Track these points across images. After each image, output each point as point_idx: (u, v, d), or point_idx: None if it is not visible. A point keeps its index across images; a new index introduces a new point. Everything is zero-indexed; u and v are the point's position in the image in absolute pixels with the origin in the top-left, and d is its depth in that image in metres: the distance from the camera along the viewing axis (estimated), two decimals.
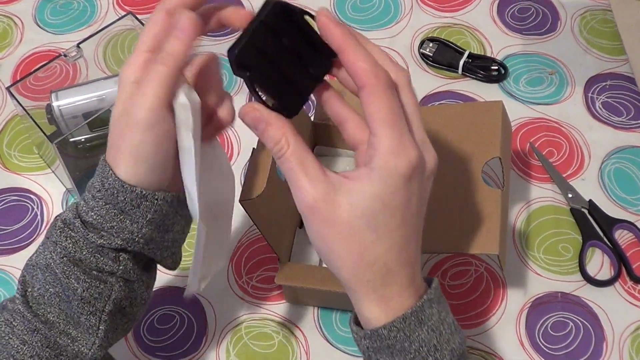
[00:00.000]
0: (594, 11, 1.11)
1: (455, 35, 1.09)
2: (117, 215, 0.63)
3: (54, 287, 0.65)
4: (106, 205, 0.62)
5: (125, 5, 1.15)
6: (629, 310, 0.87)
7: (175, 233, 0.67)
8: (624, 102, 1.02)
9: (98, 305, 0.65)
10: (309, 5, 1.11)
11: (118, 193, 0.62)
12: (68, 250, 0.64)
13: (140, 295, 0.68)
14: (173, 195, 0.64)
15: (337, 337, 0.86)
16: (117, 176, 0.61)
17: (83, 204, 0.64)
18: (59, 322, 0.65)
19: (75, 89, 0.94)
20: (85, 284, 0.64)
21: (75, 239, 0.64)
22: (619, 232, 0.92)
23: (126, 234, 0.63)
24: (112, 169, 0.62)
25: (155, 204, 0.63)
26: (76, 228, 0.64)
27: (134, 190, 0.62)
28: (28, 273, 0.67)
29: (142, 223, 0.63)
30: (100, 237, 0.63)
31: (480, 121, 0.82)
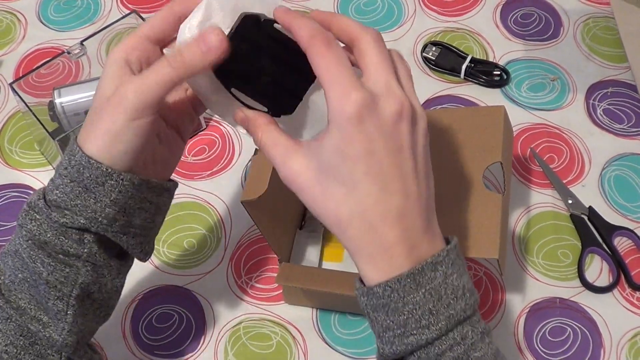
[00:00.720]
0: (597, 18, 1.11)
1: (458, 40, 1.09)
2: (82, 193, 0.61)
3: (22, 272, 0.64)
4: (71, 182, 0.61)
5: (128, 4, 1.15)
6: (627, 317, 0.87)
7: (143, 220, 0.66)
8: (625, 109, 1.02)
9: (65, 289, 0.64)
10: (313, 7, 1.12)
11: (84, 169, 0.61)
12: (33, 233, 0.63)
13: (111, 282, 0.67)
14: (142, 179, 0.63)
15: (335, 339, 0.86)
16: (84, 152, 0.60)
17: (49, 183, 0.63)
18: (30, 308, 0.65)
19: (78, 86, 0.94)
20: (50, 267, 0.63)
21: (40, 221, 0.63)
22: (618, 239, 0.92)
23: (89, 212, 0.62)
24: (81, 146, 0.61)
25: (120, 184, 0.62)
26: (39, 209, 0.63)
27: (100, 167, 0.60)
28: (2, 261, 0.66)
29: (106, 202, 0.62)
30: (64, 215, 0.62)
31: (482, 126, 0.82)
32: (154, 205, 0.67)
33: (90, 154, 0.60)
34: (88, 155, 0.60)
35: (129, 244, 0.66)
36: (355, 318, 0.87)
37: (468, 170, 0.80)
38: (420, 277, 0.57)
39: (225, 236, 0.93)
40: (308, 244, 0.89)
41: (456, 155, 0.82)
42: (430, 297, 0.57)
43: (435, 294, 0.58)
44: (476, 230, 0.76)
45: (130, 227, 0.65)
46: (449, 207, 0.79)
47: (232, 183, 0.97)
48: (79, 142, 0.61)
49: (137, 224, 0.65)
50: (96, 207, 0.62)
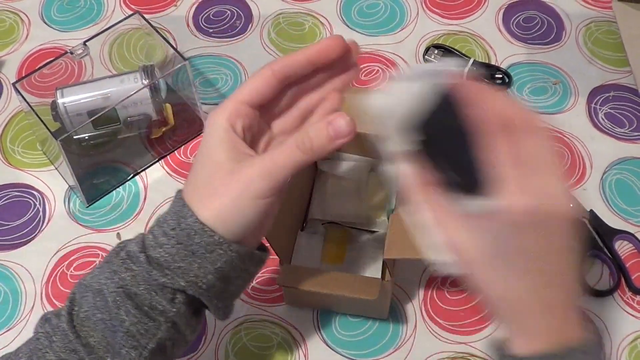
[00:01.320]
0: (599, 22, 1.11)
1: (460, 43, 1.09)
2: (187, 256, 0.62)
3: (102, 313, 0.64)
4: (178, 244, 0.62)
5: (131, 5, 1.15)
6: (627, 321, 0.87)
7: (236, 287, 0.67)
8: (626, 113, 1.02)
9: (142, 341, 0.64)
10: (315, 9, 1.13)
11: (195, 235, 0.62)
12: (125, 282, 0.63)
13: (184, 338, 0.67)
14: (247, 250, 0.64)
15: (336, 341, 0.87)
16: (197, 218, 0.61)
17: (151, 238, 0.64)
18: (99, 349, 0.64)
19: (81, 87, 0.94)
20: (135, 318, 0.63)
21: (135, 272, 0.63)
22: (619, 243, 0.92)
23: (191, 277, 0.63)
24: (193, 209, 0.62)
25: (227, 254, 0.63)
26: (139, 262, 0.63)
27: (212, 236, 0.62)
28: (79, 292, 0.66)
29: (210, 269, 0.63)
30: (164, 275, 0.63)
31: None
32: (250, 275, 0.68)
33: (203, 220, 0.61)
34: (202, 222, 0.61)
35: (217, 306, 0.66)
36: (356, 320, 0.87)
37: None
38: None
39: None
40: (309, 246, 0.89)
41: None
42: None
43: None
44: None
45: (224, 292, 0.66)
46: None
47: None
48: (190, 205, 0.62)
49: (231, 290, 0.67)
50: (199, 272, 0.63)
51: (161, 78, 0.95)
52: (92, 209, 0.96)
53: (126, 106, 0.92)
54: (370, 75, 1.06)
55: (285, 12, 1.13)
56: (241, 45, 1.10)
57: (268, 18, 1.13)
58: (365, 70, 1.07)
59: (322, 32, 1.11)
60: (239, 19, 1.13)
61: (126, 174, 0.98)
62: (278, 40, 1.10)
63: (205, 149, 0.64)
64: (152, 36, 0.99)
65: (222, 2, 1.15)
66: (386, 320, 0.87)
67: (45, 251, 0.93)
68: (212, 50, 1.10)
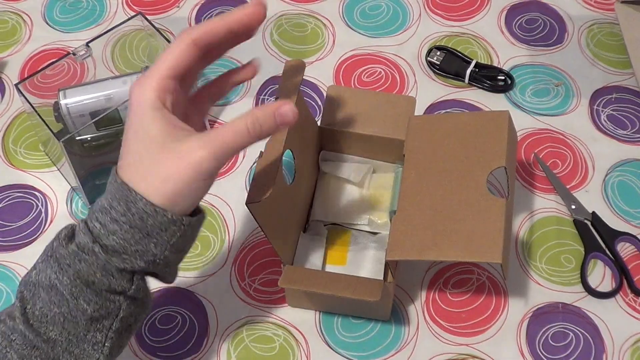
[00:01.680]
0: (601, 24, 1.11)
1: (462, 45, 1.09)
2: (142, 238, 0.63)
3: (59, 307, 0.64)
4: (131, 229, 0.63)
5: (134, 6, 1.15)
6: (629, 323, 0.87)
7: (186, 252, 0.69)
8: (629, 115, 1.02)
9: (105, 323, 0.65)
10: (317, 11, 1.13)
11: (148, 217, 0.62)
12: (81, 274, 0.64)
13: (144, 306, 0.69)
14: (196, 219, 0.66)
15: (338, 342, 0.87)
16: (147, 201, 0.62)
17: (99, 226, 0.64)
18: (61, 341, 0.65)
19: (83, 88, 0.94)
20: (96, 305, 0.64)
21: (90, 262, 0.63)
22: (621, 245, 0.92)
23: (149, 256, 0.64)
24: (141, 192, 0.62)
25: (181, 229, 0.64)
26: (94, 253, 0.63)
27: (165, 215, 0.62)
28: (27, 290, 0.66)
29: (166, 246, 0.64)
30: (123, 260, 0.64)
31: (486, 130, 0.83)
32: (195, 237, 0.69)
33: (156, 203, 0.62)
34: (153, 204, 0.62)
35: (167, 273, 0.68)
36: (358, 321, 0.87)
37: (472, 175, 0.80)
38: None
39: (228, 238, 0.94)
40: (311, 247, 0.89)
41: (460, 159, 0.82)
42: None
43: None
44: (480, 234, 0.76)
45: (177, 261, 0.68)
46: (453, 212, 0.79)
47: (236, 185, 0.97)
48: (137, 188, 0.63)
49: (181, 257, 0.69)
50: (156, 251, 0.64)
51: None
52: None
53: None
54: (373, 77, 1.06)
55: (287, 14, 1.14)
56: (243, 46, 1.09)
57: (270, 19, 1.13)
58: (368, 71, 1.07)
59: (324, 34, 1.11)
60: None
61: None
62: (280, 41, 1.10)
63: (140, 127, 0.63)
64: (154, 37, 0.99)
65: (224, 3, 1.15)
66: (388, 322, 0.87)
67: None
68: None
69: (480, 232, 0.76)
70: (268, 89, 1.06)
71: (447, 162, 0.82)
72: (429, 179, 0.82)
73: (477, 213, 0.78)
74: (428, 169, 0.82)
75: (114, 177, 0.65)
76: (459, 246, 0.76)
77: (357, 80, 1.06)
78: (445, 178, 0.81)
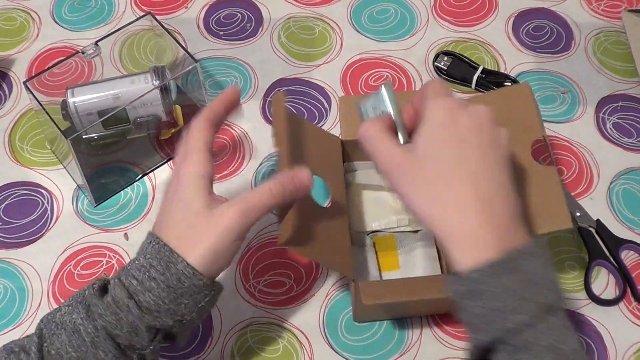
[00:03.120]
0: (608, 32, 1.12)
1: (469, 50, 1.09)
2: (176, 298, 0.67)
3: (76, 351, 0.67)
4: (167, 287, 0.67)
5: (142, 5, 1.15)
6: (632, 331, 0.87)
7: (204, 318, 0.73)
8: (634, 123, 1.02)
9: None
10: (326, 14, 1.13)
11: (185, 279, 0.67)
12: (110, 325, 0.67)
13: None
14: (222, 286, 0.71)
15: (341, 345, 0.87)
16: (187, 263, 0.67)
17: (135, 283, 0.67)
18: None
19: (91, 87, 0.95)
20: (114, 358, 0.67)
21: (121, 316, 0.66)
22: (625, 252, 0.92)
23: (177, 316, 0.68)
24: (182, 256, 0.67)
25: (211, 294, 0.69)
26: (128, 308, 0.66)
27: (201, 279, 0.67)
28: (47, 329, 0.69)
29: (194, 308, 0.68)
30: (155, 319, 0.67)
31: (515, 105, 0.84)
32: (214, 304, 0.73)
33: (193, 265, 0.67)
34: (192, 267, 0.67)
35: (183, 335, 0.72)
36: (362, 324, 0.88)
37: (516, 150, 0.81)
38: (513, 264, 0.61)
39: None
40: (364, 259, 0.88)
41: None
42: (524, 285, 0.60)
43: (528, 282, 0.60)
44: (543, 205, 0.78)
45: (196, 323, 0.71)
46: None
47: (241, 187, 0.98)
48: (177, 251, 0.67)
49: (202, 319, 0.72)
50: (185, 311, 0.68)
51: (171, 79, 0.95)
52: (100, 209, 0.97)
53: (136, 107, 0.93)
54: (380, 81, 1.06)
55: (295, 16, 1.14)
56: (251, 48, 1.11)
57: (278, 21, 1.13)
58: (375, 75, 1.07)
59: (332, 37, 1.11)
60: (249, 21, 1.13)
61: (134, 175, 0.98)
62: (288, 44, 1.11)
63: (183, 197, 0.70)
64: (162, 37, 0.99)
65: (233, 4, 1.16)
66: (392, 325, 0.87)
67: (53, 250, 0.93)
68: (222, 53, 1.10)
69: (542, 203, 0.78)
70: (275, 91, 1.06)
71: None
72: None
73: (534, 185, 0.79)
74: None
75: (153, 238, 0.69)
76: (529, 221, 0.78)
77: (364, 84, 1.06)
78: None
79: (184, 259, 0.67)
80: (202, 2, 1.16)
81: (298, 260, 0.92)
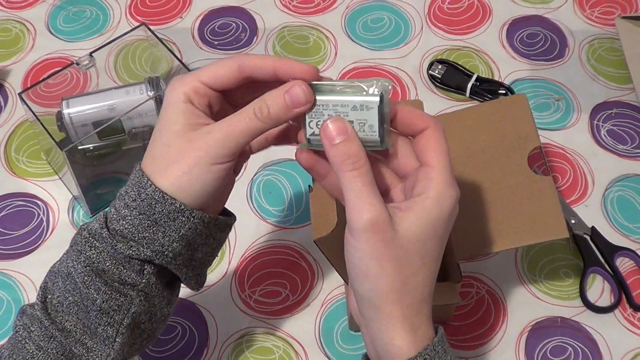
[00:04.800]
0: (602, 39, 1.12)
1: (464, 58, 1.10)
2: (151, 226, 0.62)
3: (73, 295, 0.65)
4: (140, 215, 0.62)
5: (137, 16, 1.16)
6: (628, 338, 0.87)
7: (204, 254, 0.67)
8: (629, 130, 1.03)
9: (116, 317, 0.65)
10: (320, 23, 1.13)
11: (156, 204, 0.62)
12: (92, 260, 0.63)
13: (160, 311, 0.68)
14: (211, 217, 0.65)
15: (337, 354, 0.87)
16: (157, 187, 0.62)
17: (113, 211, 0.64)
18: (75, 331, 0.65)
19: (86, 97, 0.95)
20: (106, 295, 0.64)
21: (100, 249, 0.63)
22: (620, 260, 0.92)
23: (156, 246, 0.63)
24: (152, 179, 0.62)
25: (191, 221, 0.63)
26: (102, 238, 0.63)
27: (174, 203, 0.61)
28: (50, 280, 0.67)
29: (174, 237, 0.63)
30: (129, 247, 0.63)
31: (511, 115, 0.84)
32: (217, 241, 0.68)
33: (163, 189, 0.62)
34: (162, 190, 0.61)
35: (187, 275, 0.67)
36: (358, 333, 0.88)
37: (512, 161, 0.82)
38: (444, 344, 0.62)
39: (229, 249, 0.94)
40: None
41: (495, 148, 0.83)
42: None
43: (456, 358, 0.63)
44: (539, 215, 0.78)
45: (192, 260, 0.67)
46: (506, 200, 0.80)
47: (237, 196, 0.97)
48: (149, 175, 0.62)
49: (198, 257, 0.67)
50: (164, 241, 0.63)
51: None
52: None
53: (131, 117, 0.93)
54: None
55: (290, 25, 1.14)
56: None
57: (273, 31, 1.13)
58: None
59: (326, 46, 1.11)
60: (244, 31, 1.14)
61: None
62: (283, 53, 1.11)
63: (164, 120, 0.64)
64: (157, 47, 0.99)
65: (227, 14, 1.16)
66: None
67: (48, 261, 0.90)
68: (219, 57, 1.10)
69: (539, 213, 0.78)
70: None
71: (483, 153, 0.83)
72: (469, 175, 0.83)
73: (530, 195, 0.79)
74: (465, 165, 0.83)
75: (135, 167, 0.65)
76: (525, 231, 0.78)
77: None
78: (486, 170, 0.82)
79: (154, 182, 0.62)
80: (197, 12, 1.16)
81: (293, 270, 0.92)
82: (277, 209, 0.97)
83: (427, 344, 0.60)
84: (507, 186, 0.81)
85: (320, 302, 0.90)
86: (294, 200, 0.98)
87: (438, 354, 0.60)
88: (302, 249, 0.94)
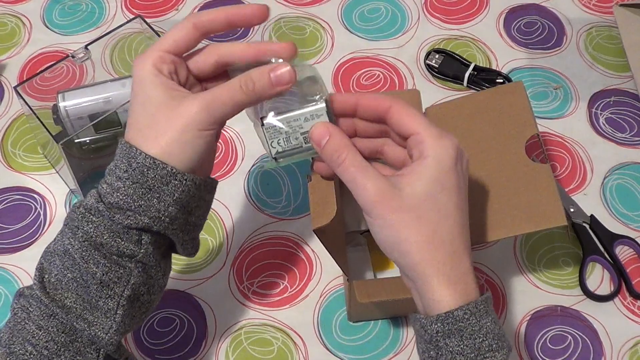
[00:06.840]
0: (600, 27, 1.12)
1: (461, 48, 1.09)
2: (145, 193, 0.64)
3: (72, 272, 0.65)
4: (133, 184, 0.64)
5: (133, 8, 1.15)
6: (627, 326, 0.87)
7: (197, 217, 0.69)
8: (627, 118, 1.02)
9: (117, 289, 0.65)
10: (316, 13, 1.13)
11: (148, 170, 0.63)
12: (89, 235, 0.64)
13: (157, 282, 0.69)
14: (201, 179, 0.66)
15: (336, 345, 0.87)
16: (147, 154, 0.63)
17: (106, 186, 0.65)
18: (75, 307, 0.65)
19: (82, 90, 0.94)
20: (105, 268, 0.65)
21: (97, 223, 0.64)
22: (619, 248, 0.92)
23: (153, 212, 0.64)
24: (141, 148, 0.64)
25: (183, 184, 0.65)
26: (99, 212, 0.64)
27: (165, 168, 0.63)
28: (46, 260, 0.67)
29: (169, 202, 0.65)
30: (127, 217, 0.64)
31: (508, 103, 0.84)
32: (207, 203, 0.71)
33: (153, 156, 0.63)
34: (153, 157, 0.63)
35: (184, 240, 0.69)
36: (357, 324, 0.87)
37: (509, 149, 0.82)
38: (487, 306, 0.63)
39: (227, 241, 0.94)
40: (359, 259, 0.88)
41: (492, 136, 0.83)
42: (496, 324, 0.63)
43: (498, 322, 0.64)
44: (538, 203, 0.78)
45: (187, 224, 0.68)
46: (503, 188, 0.80)
47: (234, 188, 0.98)
48: (137, 146, 0.64)
49: (192, 221, 0.69)
50: (160, 206, 0.64)
51: None
52: None
53: (127, 110, 0.92)
54: (372, 80, 1.06)
55: (286, 17, 1.14)
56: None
57: (269, 22, 1.13)
58: (367, 74, 1.07)
59: (323, 37, 1.11)
60: None
61: None
62: None
63: (140, 93, 0.66)
64: (153, 40, 0.99)
65: (222, 5, 1.15)
66: (386, 324, 0.87)
67: None
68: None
69: (537, 201, 0.78)
70: None
71: (480, 142, 0.83)
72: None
73: (528, 183, 0.80)
74: None
75: (120, 141, 0.66)
76: (523, 219, 0.78)
77: (355, 83, 1.06)
78: (484, 159, 0.82)
79: (143, 150, 0.64)
80: (193, 4, 1.16)
81: (292, 261, 0.92)
82: (274, 200, 0.97)
83: (470, 300, 0.62)
84: (505, 175, 0.81)
85: (318, 293, 0.90)
86: (291, 191, 0.97)
87: (479, 312, 0.62)
88: (301, 240, 0.93)
